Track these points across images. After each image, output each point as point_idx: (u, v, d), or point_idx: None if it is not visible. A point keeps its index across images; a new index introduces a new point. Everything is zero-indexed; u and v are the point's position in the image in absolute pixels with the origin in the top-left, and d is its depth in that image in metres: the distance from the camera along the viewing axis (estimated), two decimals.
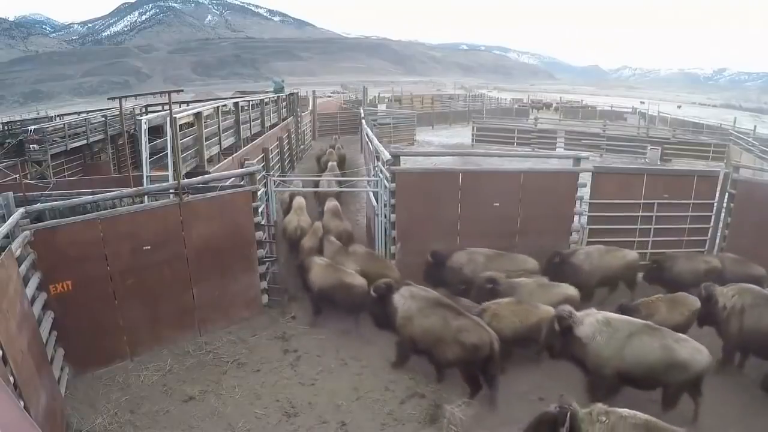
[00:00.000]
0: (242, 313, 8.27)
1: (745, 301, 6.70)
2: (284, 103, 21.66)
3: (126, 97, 8.03)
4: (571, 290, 7.66)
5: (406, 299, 6.89)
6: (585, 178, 9.70)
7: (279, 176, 14.30)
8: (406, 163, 10.38)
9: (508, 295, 7.35)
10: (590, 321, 6.14)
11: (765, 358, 6.66)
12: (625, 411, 4.54)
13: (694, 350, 5.93)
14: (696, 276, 8.67)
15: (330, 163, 15.29)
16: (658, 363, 5.86)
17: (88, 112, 20.59)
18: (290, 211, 10.92)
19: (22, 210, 6.18)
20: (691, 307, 7.20)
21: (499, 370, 6.43)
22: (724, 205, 10.11)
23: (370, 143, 13.35)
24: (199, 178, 8.52)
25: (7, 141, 14.97)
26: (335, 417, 6.10)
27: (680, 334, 6.20)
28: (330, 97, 50.51)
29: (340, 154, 17.76)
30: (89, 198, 7.08)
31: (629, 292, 9.07)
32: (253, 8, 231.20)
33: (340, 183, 12.43)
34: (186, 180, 7.85)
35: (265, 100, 18.26)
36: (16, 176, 11.20)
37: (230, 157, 12.39)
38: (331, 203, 11.26)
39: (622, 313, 6.93)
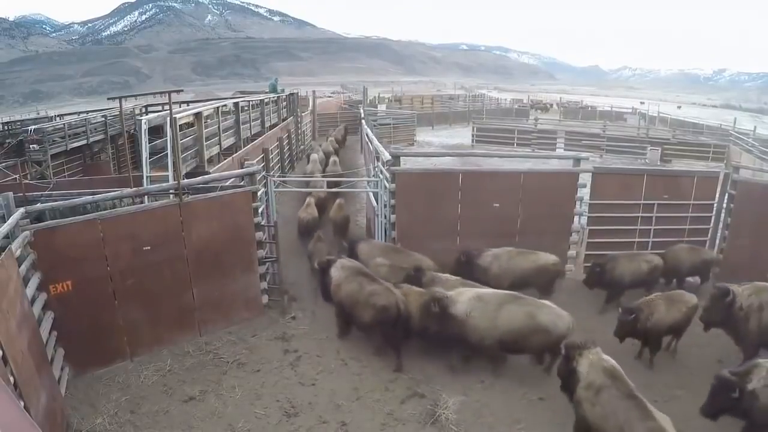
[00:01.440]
0: (242, 314, 8.26)
1: (762, 299, 6.77)
2: (284, 104, 21.68)
3: (126, 97, 8.02)
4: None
5: (338, 270, 7.61)
6: (585, 178, 9.70)
7: (279, 176, 14.31)
8: (406, 164, 10.40)
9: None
10: (463, 299, 6.71)
11: None
12: (602, 354, 5.52)
13: (556, 316, 6.54)
14: (638, 276, 8.87)
15: (329, 139, 21.43)
16: (523, 328, 6.51)
17: (88, 112, 20.56)
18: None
19: (22, 210, 6.18)
20: (688, 304, 7.29)
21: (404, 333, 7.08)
22: (724, 205, 10.12)
23: (370, 143, 13.35)
24: (199, 178, 8.51)
25: (7, 141, 14.96)
26: (335, 417, 6.10)
27: (544, 302, 6.77)
28: (330, 97, 50.52)
29: (343, 133, 25.02)
30: (89, 198, 7.07)
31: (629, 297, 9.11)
32: (253, 8, 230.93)
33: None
34: (186, 180, 7.85)
35: (265, 101, 18.26)
36: (16, 176, 11.19)
37: (230, 158, 12.40)
38: (332, 158, 15.91)
39: (628, 314, 6.98)
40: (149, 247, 7.14)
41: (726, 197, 10.06)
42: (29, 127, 14.80)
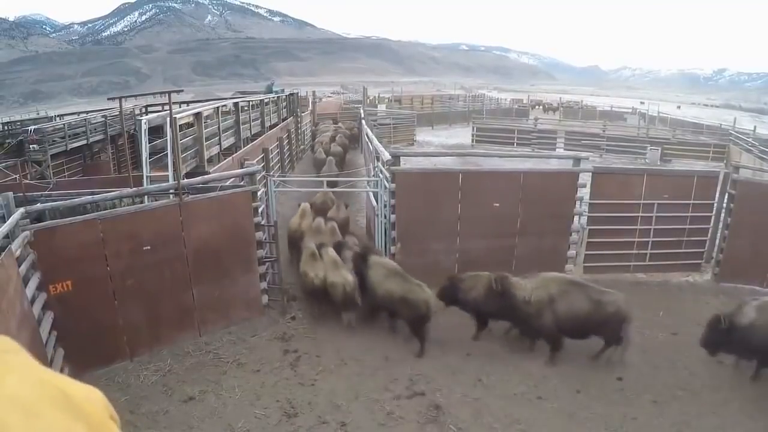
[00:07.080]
0: (242, 314, 8.26)
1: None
2: (284, 104, 21.69)
3: (126, 97, 8.02)
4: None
5: None
6: (585, 178, 9.69)
7: (279, 176, 14.31)
8: (406, 164, 10.40)
9: None
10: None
11: None
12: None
13: None
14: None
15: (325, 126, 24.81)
16: None
17: (88, 112, 20.59)
18: None
19: (22, 210, 6.17)
20: None
21: None
22: (724, 205, 10.11)
23: (370, 143, 13.35)
24: (199, 178, 8.52)
25: (7, 141, 14.97)
26: (335, 417, 6.10)
27: None
28: (330, 97, 50.54)
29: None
30: (89, 198, 7.08)
31: None
32: (253, 8, 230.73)
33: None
34: (186, 180, 7.84)
35: (265, 101, 18.28)
36: (16, 176, 11.19)
37: (230, 157, 12.41)
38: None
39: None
40: (149, 247, 7.13)
41: (726, 197, 10.05)
42: (29, 128, 14.82)
